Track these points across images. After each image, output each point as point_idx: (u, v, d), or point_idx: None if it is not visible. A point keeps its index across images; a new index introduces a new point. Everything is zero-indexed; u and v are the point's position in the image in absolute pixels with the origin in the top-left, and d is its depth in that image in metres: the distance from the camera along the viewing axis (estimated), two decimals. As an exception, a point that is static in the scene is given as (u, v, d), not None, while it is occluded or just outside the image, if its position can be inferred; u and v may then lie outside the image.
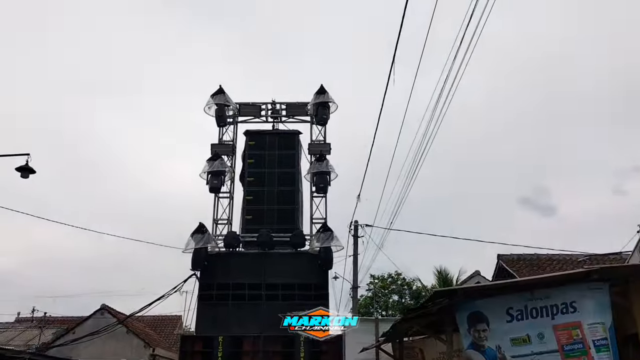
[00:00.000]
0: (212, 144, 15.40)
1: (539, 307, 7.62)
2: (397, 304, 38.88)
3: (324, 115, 15.31)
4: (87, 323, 22.04)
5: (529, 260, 18.19)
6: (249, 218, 14.73)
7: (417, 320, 8.50)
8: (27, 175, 11.04)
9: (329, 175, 14.91)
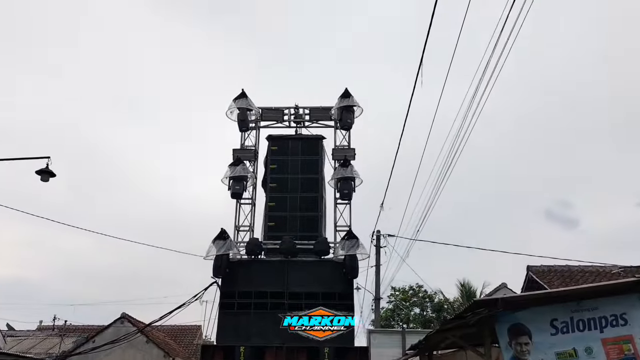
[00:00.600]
0: (234, 149, 15.12)
1: (586, 319, 7.10)
2: (418, 317, 38.18)
3: (349, 119, 14.92)
4: (108, 331, 21.89)
5: (560, 272, 17.49)
6: (271, 225, 14.36)
7: (452, 332, 8.00)
8: (47, 178, 10.88)
9: (354, 181, 14.49)
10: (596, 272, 16.96)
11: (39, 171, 10.87)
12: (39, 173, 10.87)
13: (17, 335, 24.29)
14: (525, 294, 7.87)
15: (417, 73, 8.23)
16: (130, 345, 21.19)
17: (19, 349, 21.30)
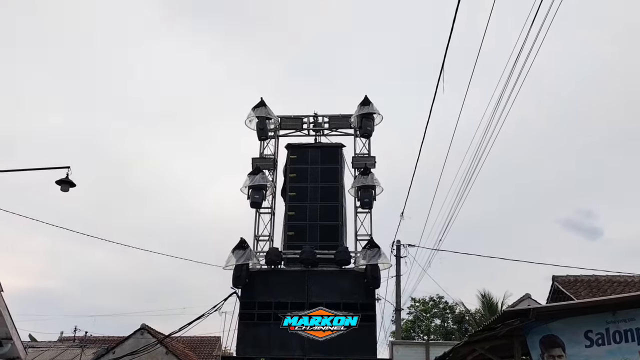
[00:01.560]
0: (253, 157, 15.03)
1: (623, 330, 6.79)
2: (439, 329, 37.58)
3: (368, 127, 14.74)
4: (127, 343, 21.87)
5: (587, 282, 17.00)
6: (290, 234, 14.20)
7: (480, 344, 7.73)
8: (67, 188, 10.88)
9: (374, 190, 14.27)
10: (624, 282, 16.46)
11: (59, 181, 10.88)
12: (59, 183, 10.88)
13: (38, 347, 24.42)
14: (559, 304, 7.57)
15: (438, 78, 8.08)
16: (150, 356, 21.12)
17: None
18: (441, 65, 7.84)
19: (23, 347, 14.41)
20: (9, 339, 13.27)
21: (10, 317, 13.12)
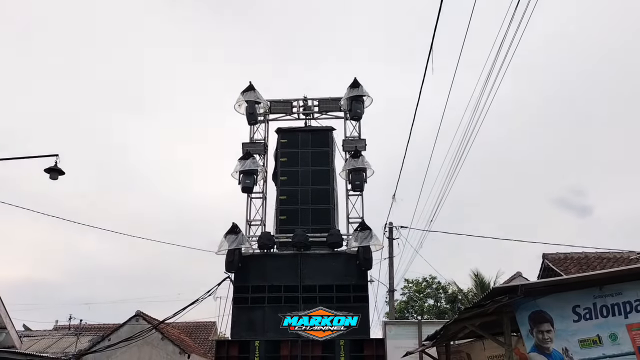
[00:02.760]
0: (243, 142, 14.99)
1: (610, 304, 6.91)
2: (432, 308, 38.04)
3: (358, 109, 14.72)
4: (123, 330, 21.96)
5: (577, 259, 17.22)
6: (282, 218, 14.23)
7: (470, 321, 7.84)
8: (56, 176, 10.82)
9: (365, 172, 14.31)
10: (614, 258, 16.69)
11: (47, 169, 10.81)
12: (47, 171, 10.81)
13: (33, 335, 24.45)
14: (547, 280, 7.68)
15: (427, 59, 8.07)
16: (145, 342, 21.24)
17: (35, 348, 21.43)
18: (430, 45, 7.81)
19: (18, 337, 14.47)
20: (3, 329, 13.33)
21: (3, 307, 13.15)
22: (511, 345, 7.54)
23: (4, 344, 13.57)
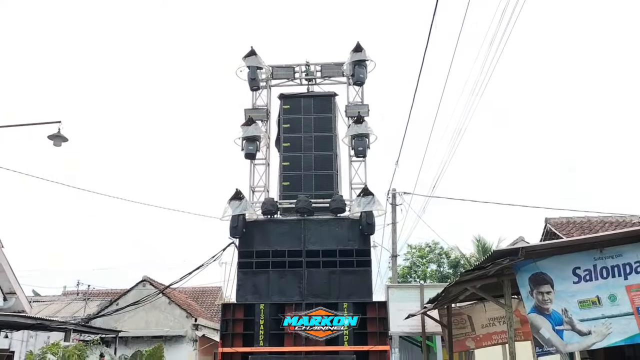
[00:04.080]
0: (246, 109, 14.91)
1: (610, 266, 6.97)
2: (435, 273, 38.49)
3: (361, 74, 14.55)
4: (130, 294, 22.36)
5: (579, 224, 17.29)
6: (286, 185, 14.28)
7: (471, 283, 7.95)
8: (59, 143, 10.86)
9: (368, 138, 14.26)
10: (616, 222, 16.74)
11: (51, 136, 10.84)
12: (51, 138, 10.84)
13: (42, 301, 24.93)
14: (547, 242, 7.75)
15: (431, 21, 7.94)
16: (153, 306, 21.67)
17: (45, 313, 21.88)
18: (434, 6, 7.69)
19: (27, 302, 14.76)
20: (13, 294, 13.58)
21: (12, 272, 13.38)
22: (511, 307, 7.66)
23: (14, 308, 13.86)
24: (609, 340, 6.68)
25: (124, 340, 21.18)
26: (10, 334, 17.72)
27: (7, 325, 13.95)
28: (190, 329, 22.71)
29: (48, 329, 14.99)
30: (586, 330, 6.75)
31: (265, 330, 12.38)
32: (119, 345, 19.81)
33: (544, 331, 6.85)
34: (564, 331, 6.82)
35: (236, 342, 12.46)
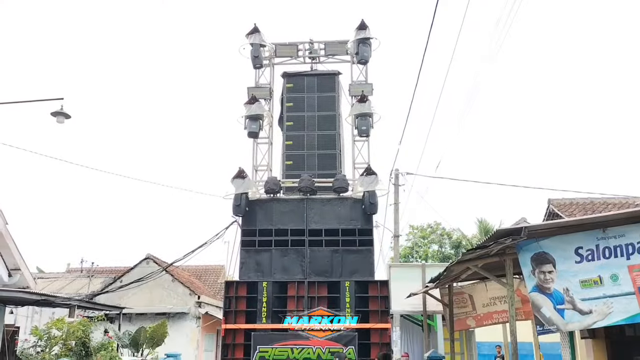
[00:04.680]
0: (249, 87, 14.83)
1: (612, 246, 6.96)
2: (436, 254, 38.68)
3: (365, 52, 14.44)
4: (134, 272, 22.50)
5: (582, 205, 17.27)
6: (289, 164, 14.28)
7: (474, 262, 7.97)
8: (62, 120, 10.84)
9: (372, 117, 14.20)
10: (619, 204, 16.71)
11: (54, 113, 10.82)
12: (54, 115, 10.82)
13: (47, 277, 25.11)
14: (550, 222, 7.74)
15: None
16: (156, 284, 21.82)
17: (49, 289, 22.05)
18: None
19: (32, 278, 14.87)
20: (18, 270, 13.68)
21: (17, 249, 13.45)
22: (513, 286, 7.69)
23: (19, 284, 13.97)
24: (609, 319, 6.70)
25: (127, 317, 21.38)
26: (15, 309, 17.91)
27: (12, 301, 14.08)
28: (194, 306, 22.91)
29: (53, 305, 15.13)
30: (587, 309, 6.77)
31: (268, 308, 12.51)
32: (123, 321, 20.00)
33: (545, 310, 6.88)
34: (565, 310, 6.85)
35: (239, 319, 12.59)
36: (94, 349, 13.69)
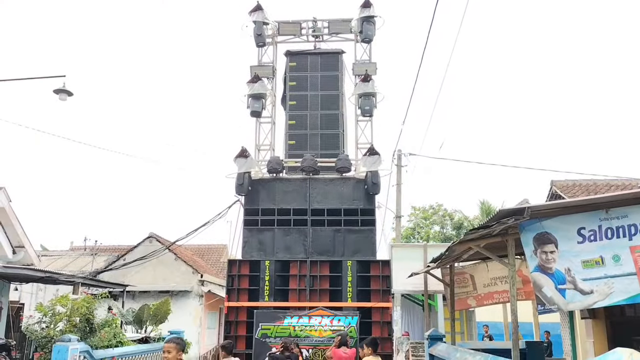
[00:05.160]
0: (252, 65, 14.72)
1: (615, 227, 6.95)
2: (438, 235, 38.82)
3: (369, 31, 14.29)
4: (137, 250, 22.65)
5: (585, 186, 17.26)
6: (291, 143, 14.24)
7: (476, 242, 7.97)
8: (64, 97, 10.80)
9: (375, 97, 14.11)
10: (622, 185, 16.69)
11: (56, 90, 10.78)
12: (56, 92, 10.78)
13: (50, 255, 25.30)
14: (553, 202, 7.72)
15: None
16: (159, 262, 21.98)
17: (53, 267, 22.24)
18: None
19: (36, 255, 14.98)
20: (22, 247, 13.77)
21: (20, 226, 13.52)
22: (514, 266, 7.70)
23: (23, 261, 14.07)
24: (610, 299, 6.72)
25: (131, 295, 21.58)
26: (20, 286, 18.09)
27: (17, 277, 14.20)
28: (196, 284, 23.09)
29: (57, 282, 15.25)
30: (588, 289, 6.78)
31: (271, 286, 12.60)
32: (127, 299, 20.18)
33: (546, 290, 6.90)
34: (566, 290, 6.86)
35: (242, 297, 12.70)
36: (98, 325, 13.83)
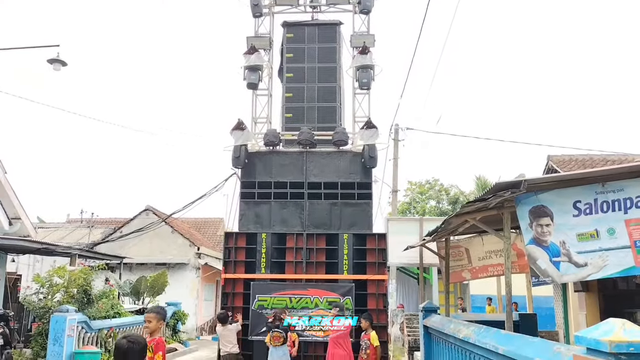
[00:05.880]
0: (248, 36, 14.51)
1: (611, 200, 6.98)
2: (434, 209, 39.02)
3: (368, 2, 14.06)
4: (133, 222, 22.75)
5: (582, 161, 17.35)
6: (288, 116, 14.14)
7: (472, 215, 8.01)
8: (58, 67, 10.65)
9: (373, 70, 13.96)
10: (619, 160, 16.77)
11: (50, 60, 10.62)
12: (50, 62, 10.63)
13: (47, 227, 25.36)
14: (550, 175, 7.73)
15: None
16: (156, 234, 22.09)
17: (50, 239, 22.32)
18: None
19: (32, 227, 15.00)
20: (18, 219, 13.77)
21: (16, 198, 13.50)
22: (510, 239, 7.75)
23: (20, 233, 14.10)
24: (604, 272, 6.79)
25: (128, 267, 21.75)
26: (17, 258, 18.17)
27: (13, 248, 14.25)
28: (193, 257, 23.26)
29: (53, 253, 15.33)
30: (583, 262, 6.85)
31: (267, 259, 12.67)
32: (124, 271, 20.35)
33: (540, 262, 6.96)
34: (560, 262, 6.93)
35: (238, 269, 12.77)
36: (95, 296, 13.97)
